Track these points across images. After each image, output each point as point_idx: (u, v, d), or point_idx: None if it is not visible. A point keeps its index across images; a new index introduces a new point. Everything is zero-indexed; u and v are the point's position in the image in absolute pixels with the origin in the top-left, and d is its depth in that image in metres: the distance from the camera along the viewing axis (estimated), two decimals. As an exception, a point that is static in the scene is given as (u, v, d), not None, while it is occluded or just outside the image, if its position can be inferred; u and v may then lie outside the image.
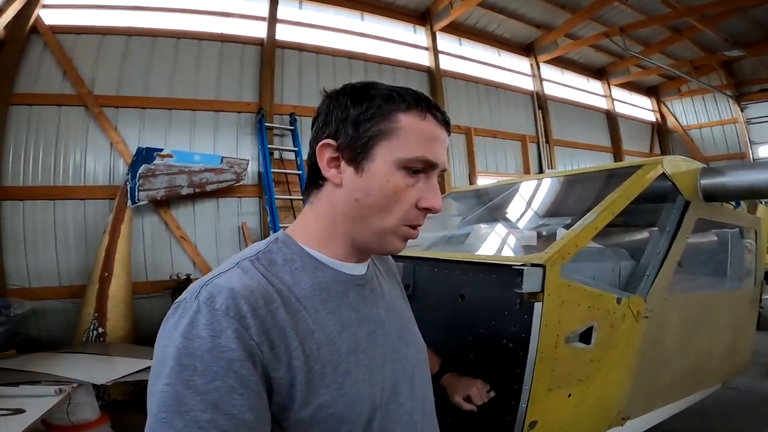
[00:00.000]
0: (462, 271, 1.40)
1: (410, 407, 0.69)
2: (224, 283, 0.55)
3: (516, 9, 6.96)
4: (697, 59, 8.62)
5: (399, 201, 0.62)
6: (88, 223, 4.11)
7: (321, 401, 0.56)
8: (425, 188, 0.64)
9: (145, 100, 4.45)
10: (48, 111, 4.11)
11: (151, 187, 3.97)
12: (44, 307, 3.85)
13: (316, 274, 0.64)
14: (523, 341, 1.16)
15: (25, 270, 3.90)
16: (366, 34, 6.09)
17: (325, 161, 0.65)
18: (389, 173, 0.61)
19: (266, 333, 0.54)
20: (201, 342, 0.50)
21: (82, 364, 2.65)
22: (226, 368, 0.49)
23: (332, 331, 0.61)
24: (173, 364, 0.49)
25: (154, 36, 4.63)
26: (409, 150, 0.61)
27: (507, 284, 1.21)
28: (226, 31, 5.02)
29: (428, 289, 1.55)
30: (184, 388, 0.48)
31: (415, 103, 0.63)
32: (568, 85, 8.63)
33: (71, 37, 4.29)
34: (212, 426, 0.47)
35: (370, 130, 0.62)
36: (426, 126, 0.63)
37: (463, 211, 2.56)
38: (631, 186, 1.56)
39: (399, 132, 0.61)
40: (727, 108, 9.58)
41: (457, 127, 6.60)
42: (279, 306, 0.57)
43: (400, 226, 0.64)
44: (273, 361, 0.53)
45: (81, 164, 4.15)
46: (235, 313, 0.52)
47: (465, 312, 1.36)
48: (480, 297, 1.32)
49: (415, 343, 0.76)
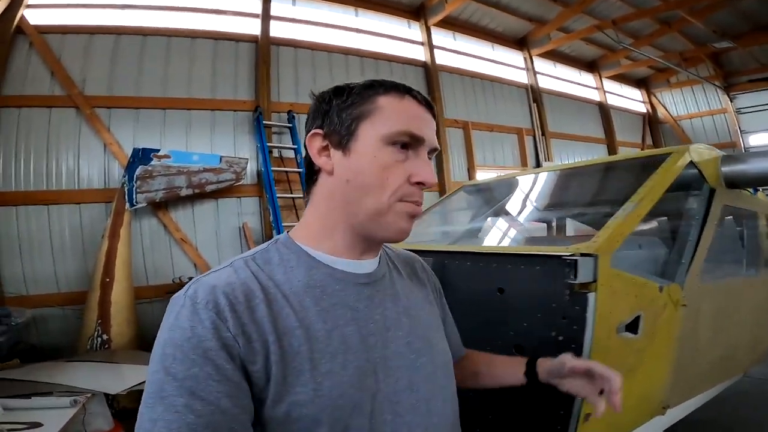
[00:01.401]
0: (500, 263, 1.35)
1: (411, 420, 0.64)
2: (210, 281, 0.58)
3: (509, 3, 6.95)
4: (686, 51, 8.72)
5: (389, 176, 0.63)
6: (84, 227, 3.99)
7: (294, 399, 0.56)
8: (416, 163, 0.65)
9: (138, 100, 4.33)
10: (38, 113, 3.96)
11: (149, 189, 3.86)
12: (43, 314, 3.73)
13: (311, 272, 0.64)
14: (574, 333, 1.12)
15: (21, 277, 3.77)
16: (361, 30, 6.03)
17: (316, 151, 0.67)
18: (375, 150, 0.63)
19: (243, 327, 0.55)
20: (182, 332, 0.53)
21: (92, 373, 2.58)
22: (203, 356, 0.52)
23: (319, 329, 0.60)
24: (159, 352, 0.53)
25: (145, 35, 4.50)
26: (391, 125, 0.63)
27: (554, 275, 1.17)
28: (219, 28, 4.91)
29: (460, 284, 1.50)
30: (165, 374, 0.51)
31: (392, 86, 0.66)
32: (562, 78, 8.67)
33: (58, 37, 4.14)
34: (188, 410, 0.49)
35: (352, 113, 0.64)
36: (406, 104, 0.66)
37: (481, 205, 2.52)
38: (664, 174, 1.54)
39: (380, 110, 0.64)
40: (716, 98, 9.71)
41: (455, 122, 6.58)
42: (260, 302, 0.58)
43: (396, 202, 0.63)
44: (250, 354, 0.55)
45: (74, 167, 4.02)
46: (213, 306, 0.55)
47: (504, 306, 1.32)
48: (522, 290, 1.27)
49: (430, 351, 0.71)
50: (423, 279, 0.85)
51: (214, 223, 4.55)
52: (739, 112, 9.54)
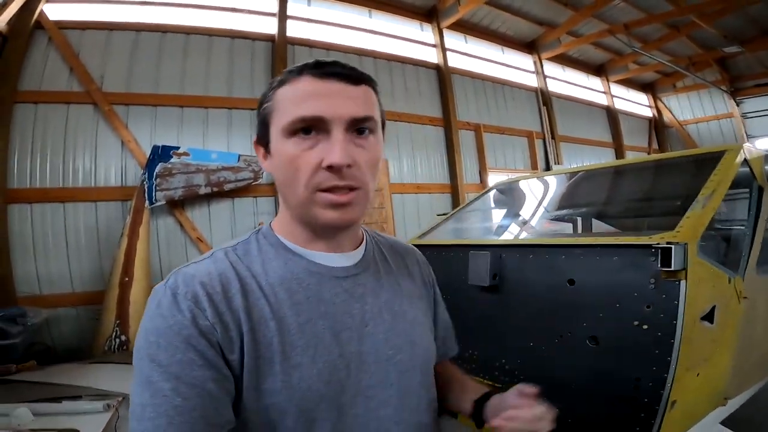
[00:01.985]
0: (570, 255, 1.32)
1: (383, 414, 0.64)
2: (189, 271, 0.59)
3: (520, 6, 6.98)
4: (694, 55, 8.77)
5: (298, 168, 0.60)
6: (100, 226, 3.93)
7: (265, 388, 0.57)
8: (325, 147, 0.59)
9: (156, 98, 4.29)
10: (55, 109, 3.92)
11: (168, 187, 3.82)
12: (57, 314, 3.66)
13: (288, 265, 0.64)
14: (661, 321, 1.08)
15: (35, 277, 3.70)
16: (374, 31, 6.03)
17: (261, 158, 0.68)
18: (281, 144, 0.62)
19: (220, 316, 0.56)
20: (163, 320, 0.54)
21: (118, 375, 2.52)
22: (185, 343, 0.53)
23: (291, 322, 0.60)
24: (143, 341, 0.55)
25: (164, 32, 4.48)
26: (285, 116, 0.61)
27: (635, 264, 1.14)
28: (236, 27, 4.90)
29: (522, 277, 1.47)
30: (149, 361, 0.53)
31: (288, 73, 0.63)
32: (570, 82, 8.70)
33: (77, 33, 4.11)
34: (175, 394, 0.51)
35: (264, 117, 0.65)
36: (301, 85, 0.61)
37: (519, 202, 2.49)
38: (727, 169, 1.52)
39: (276, 106, 0.62)
40: (722, 103, 9.75)
41: (466, 124, 6.57)
42: (237, 292, 0.59)
43: (313, 193, 0.60)
44: (227, 343, 0.56)
45: (91, 164, 3.97)
46: (192, 296, 0.56)
47: (575, 297, 1.29)
48: (596, 280, 1.24)
49: (410, 347, 0.70)
50: (414, 272, 0.82)
51: (230, 222, 4.51)
52: (745, 116, 9.58)
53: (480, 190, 6.39)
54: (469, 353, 1.68)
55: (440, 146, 6.25)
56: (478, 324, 1.67)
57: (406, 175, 5.82)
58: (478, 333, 1.67)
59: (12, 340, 3.03)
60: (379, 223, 5.15)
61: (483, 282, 1.52)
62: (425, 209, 5.85)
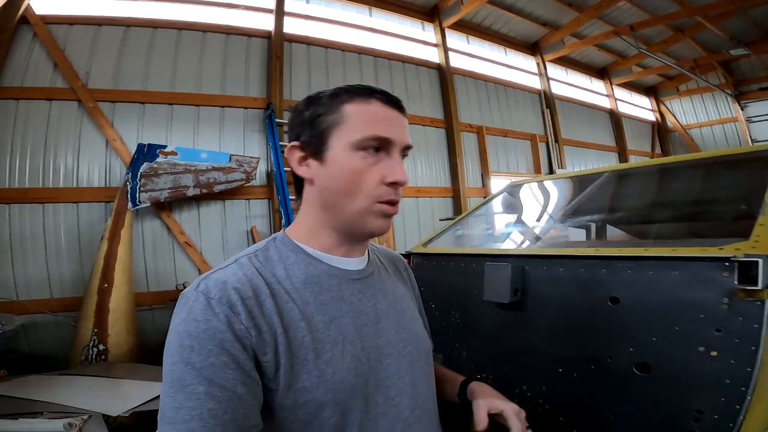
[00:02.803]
0: (613, 269, 1.10)
1: (400, 402, 0.70)
2: (219, 277, 0.61)
3: (524, 7, 6.81)
4: (698, 58, 8.62)
5: (362, 181, 0.66)
6: (82, 228, 3.70)
7: (302, 386, 0.60)
8: (388, 164, 0.68)
9: (144, 95, 4.08)
10: (37, 106, 3.70)
11: (153, 188, 3.59)
12: (35, 321, 3.42)
13: (309, 269, 0.69)
14: (736, 348, 0.87)
15: (12, 281, 3.46)
16: (375, 30, 5.84)
17: (296, 162, 0.71)
18: (346, 156, 0.66)
19: (254, 320, 0.59)
20: (197, 325, 0.56)
21: (88, 390, 2.28)
22: (218, 347, 0.55)
23: (319, 321, 0.65)
24: (176, 345, 0.56)
25: (155, 27, 4.27)
26: (358, 131, 0.66)
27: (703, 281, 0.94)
28: (232, 23, 4.70)
29: (550, 293, 1.26)
30: (184, 365, 0.54)
31: (357, 92, 0.68)
32: (574, 85, 8.53)
33: (64, 28, 3.90)
34: (208, 397, 0.53)
35: (323, 123, 0.68)
36: (372, 108, 0.68)
37: (543, 205, 2.27)
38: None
39: (346, 119, 0.67)
40: (726, 107, 9.60)
41: (468, 126, 6.38)
42: (267, 296, 0.62)
43: (372, 204, 0.67)
44: (261, 345, 0.59)
45: (74, 163, 3.75)
46: (226, 301, 0.58)
47: (620, 318, 1.07)
48: (649, 299, 1.03)
49: (415, 340, 0.77)
50: (405, 277, 0.91)
51: (220, 226, 4.28)
52: (749, 120, 9.42)
53: (482, 194, 6.18)
54: (483, 376, 1.46)
55: (441, 148, 6.05)
56: (493, 345, 1.45)
57: (406, 178, 5.60)
58: (493, 355, 1.45)
59: (-20, 350, 2.80)
60: (378, 227, 4.92)
61: (502, 298, 1.30)
62: (425, 214, 5.64)
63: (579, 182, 2.26)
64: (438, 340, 1.71)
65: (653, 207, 1.89)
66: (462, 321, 1.55)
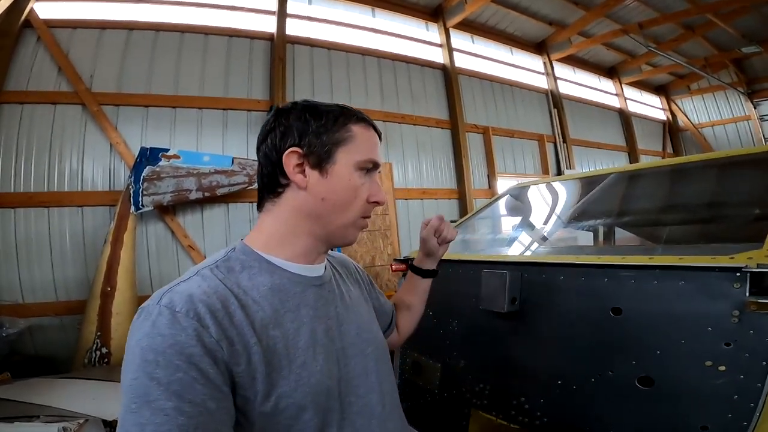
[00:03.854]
0: (615, 278, 1.05)
1: (370, 399, 0.74)
2: (183, 290, 0.60)
3: (529, 5, 6.72)
4: (709, 57, 8.46)
5: (357, 197, 0.72)
6: (86, 232, 3.72)
7: (281, 391, 0.61)
8: (372, 185, 0.75)
9: (147, 98, 4.09)
10: (42, 109, 3.73)
11: (156, 192, 3.59)
12: (41, 324, 3.44)
13: (273, 278, 0.69)
14: (746, 363, 0.82)
15: (17, 284, 3.49)
16: (378, 30, 5.81)
17: (292, 167, 0.71)
18: (350, 174, 0.71)
19: (224, 332, 0.59)
20: (162, 339, 0.55)
21: (87, 393, 2.28)
22: (187, 362, 0.54)
23: (289, 328, 0.66)
24: (138, 360, 0.54)
25: (157, 30, 4.29)
26: (363, 153, 0.72)
27: (711, 292, 0.88)
28: (234, 25, 4.70)
29: (549, 303, 1.21)
30: (148, 380, 0.53)
31: (360, 117, 0.75)
32: (582, 84, 8.41)
33: (67, 32, 3.94)
34: (177, 412, 0.51)
35: (331, 138, 0.70)
36: (370, 134, 0.75)
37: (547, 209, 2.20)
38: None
39: (353, 139, 0.71)
40: (739, 105, 9.40)
41: (474, 126, 6.31)
42: (237, 308, 0.62)
43: (357, 218, 0.73)
44: (233, 357, 0.59)
45: (78, 167, 3.77)
46: (194, 314, 0.57)
47: (622, 330, 1.02)
48: (654, 310, 0.98)
49: (374, 339, 0.82)
50: (357, 278, 0.95)
51: (224, 229, 4.27)
52: (762, 119, 9.21)
53: (489, 195, 6.11)
54: (479, 387, 1.41)
55: (447, 149, 5.99)
56: (490, 355, 1.40)
57: (411, 180, 5.56)
58: (490, 365, 1.40)
59: (-15, 352, 2.81)
60: (382, 230, 4.89)
61: (499, 307, 1.25)
62: (431, 216, 5.56)
63: (586, 183, 2.19)
64: (435, 348, 1.67)
65: (664, 209, 1.82)
66: (460, 329, 1.51)
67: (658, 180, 1.88)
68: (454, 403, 1.49)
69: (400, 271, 1.87)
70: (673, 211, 1.76)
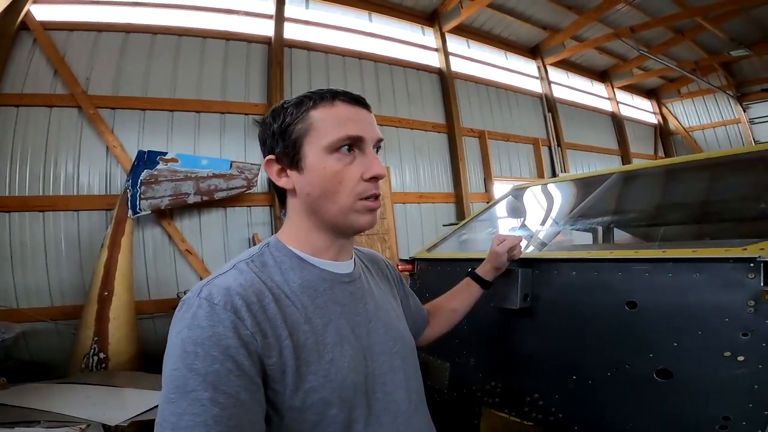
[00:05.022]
0: (629, 272, 1.06)
1: (397, 396, 0.74)
2: (222, 283, 0.62)
3: (524, 10, 6.82)
4: (699, 60, 8.61)
5: (342, 181, 0.68)
6: (82, 236, 3.67)
7: (309, 386, 0.62)
8: (364, 161, 0.70)
9: (144, 101, 4.06)
10: (37, 112, 3.69)
11: (154, 195, 3.56)
12: (36, 329, 3.38)
13: (304, 273, 0.70)
14: (764, 352, 0.83)
15: (12, 289, 3.43)
16: (375, 35, 5.84)
17: (275, 174, 0.73)
18: (322, 161, 0.68)
19: (259, 325, 0.60)
20: (202, 331, 0.56)
21: (87, 399, 2.24)
22: (223, 353, 0.56)
23: (318, 324, 0.67)
24: (179, 351, 0.56)
25: (154, 33, 4.28)
26: (329, 135, 0.68)
27: (726, 283, 0.90)
28: (231, 28, 4.70)
29: (562, 299, 1.21)
30: (187, 371, 0.54)
31: (320, 97, 0.70)
32: (575, 88, 8.52)
33: (64, 34, 3.91)
34: (212, 403, 0.53)
35: (293, 133, 0.69)
36: (337, 110, 0.70)
37: (551, 208, 2.22)
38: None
39: (314, 125, 0.69)
40: (729, 108, 9.57)
41: (470, 131, 6.35)
42: (270, 301, 0.63)
43: (355, 201, 0.69)
44: (266, 350, 0.60)
45: (74, 171, 3.73)
46: (231, 307, 0.59)
47: (638, 323, 1.03)
48: (669, 302, 0.98)
49: (401, 337, 0.81)
50: (387, 276, 0.96)
51: (222, 233, 4.24)
52: (752, 122, 9.38)
53: (485, 199, 6.14)
54: (491, 386, 1.41)
55: (444, 153, 6.02)
56: (502, 353, 1.40)
57: (408, 184, 5.57)
58: (502, 363, 1.40)
59: (-21, 358, 2.76)
60: (380, 234, 4.88)
61: (511, 304, 1.26)
62: (428, 220, 5.59)
63: (584, 185, 2.21)
64: (444, 347, 1.67)
65: (664, 209, 1.84)
66: (469, 328, 1.50)
67: (656, 180, 1.90)
68: (465, 402, 1.48)
69: (407, 271, 1.88)
70: (673, 210, 1.78)
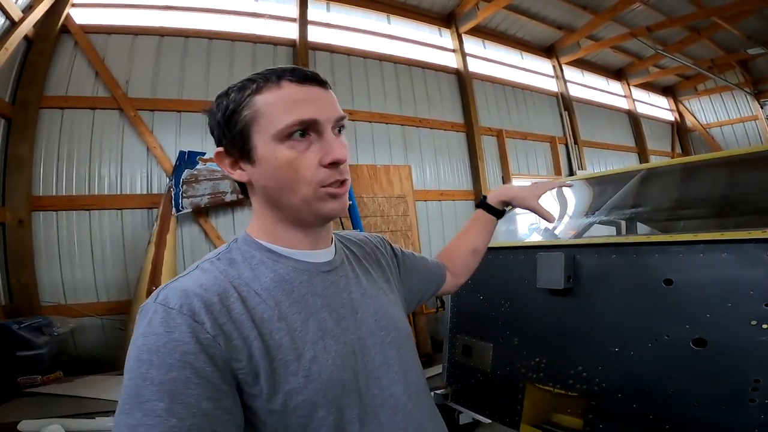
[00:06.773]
0: (666, 253, 1.19)
1: (394, 390, 0.69)
2: (180, 285, 0.57)
3: (539, 11, 6.90)
4: (716, 58, 8.59)
5: (298, 170, 0.62)
6: (126, 234, 3.87)
7: (289, 388, 0.57)
8: (322, 146, 0.63)
9: (180, 103, 4.26)
10: (81, 115, 3.89)
11: (194, 194, 3.75)
12: (82, 324, 3.57)
13: (276, 267, 0.65)
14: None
15: (60, 286, 3.64)
16: (394, 36, 5.99)
17: (228, 168, 0.67)
18: (273, 151, 0.62)
19: (221, 327, 0.55)
20: (156, 338, 0.52)
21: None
22: (181, 360, 0.51)
23: (296, 320, 0.62)
24: (134, 361, 0.52)
25: (186, 36, 4.47)
26: (276, 122, 0.61)
27: (751, 260, 1.03)
28: (258, 32, 4.88)
29: (603, 279, 1.35)
30: (141, 380, 0.50)
31: (264, 80, 0.63)
32: (591, 86, 8.56)
33: (102, 37, 4.11)
34: (169, 414, 0.49)
35: (238, 122, 0.63)
36: (285, 92, 0.62)
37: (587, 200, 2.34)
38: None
39: (261, 111, 0.62)
40: (746, 105, 9.52)
41: (488, 129, 6.46)
42: (236, 300, 0.58)
43: (316, 190, 0.63)
44: (233, 353, 0.55)
45: (117, 171, 3.93)
46: (188, 310, 0.54)
47: (674, 298, 1.16)
48: (702, 279, 1.12)
49: (395, 325, 0.75)
50: (378, 257, 0.87)
51: (253, 229, 4.42)
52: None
53: (503, 195, 6.23)
54: (536, 362, 1.55)
55: (463, 152, 6.15)
56: (545, 330, 1.54)
57: (429, 182, 5.71)
58: (545, 340, 1.54)
59: (38, 351, 2.94)
60: (403, 231, 5.03)
61: (556, 285, 1.40)
62: (449, 216, 5.73)
63: (602, 182, 2.33)
64: (487, 329, 1.81)
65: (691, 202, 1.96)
66: (512, 310, 1.65)
67: (679, 177, 2.02)
68: (508, 379, 1.62)
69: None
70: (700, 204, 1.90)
